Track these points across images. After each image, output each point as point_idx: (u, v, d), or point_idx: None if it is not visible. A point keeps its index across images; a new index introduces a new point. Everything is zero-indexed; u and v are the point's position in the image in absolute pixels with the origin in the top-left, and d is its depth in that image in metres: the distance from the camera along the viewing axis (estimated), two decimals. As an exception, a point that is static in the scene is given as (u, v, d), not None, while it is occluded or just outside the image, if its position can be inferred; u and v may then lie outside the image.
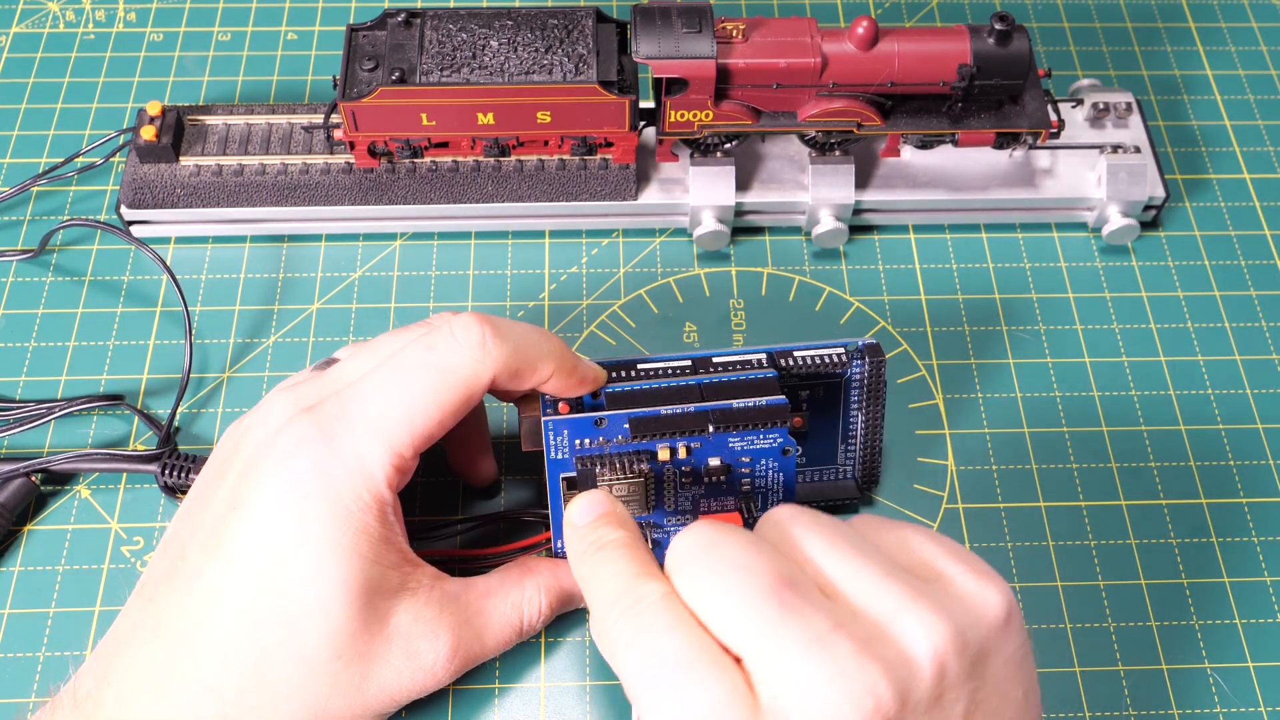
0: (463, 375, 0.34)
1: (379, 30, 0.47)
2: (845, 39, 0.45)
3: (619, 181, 0.49)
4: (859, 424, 0.42)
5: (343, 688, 0.34)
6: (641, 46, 0.44)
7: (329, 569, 0.33)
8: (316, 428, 0.34)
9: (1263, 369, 0.48)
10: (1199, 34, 0.59)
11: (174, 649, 0.34)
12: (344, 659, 0.34)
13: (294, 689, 0.34)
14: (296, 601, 0.33)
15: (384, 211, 0.49)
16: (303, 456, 0.34)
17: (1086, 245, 0.52)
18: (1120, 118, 0.51)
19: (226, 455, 0.36)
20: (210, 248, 0.50)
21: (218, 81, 0.56)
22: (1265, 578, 0.43)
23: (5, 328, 0.48)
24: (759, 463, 0.38)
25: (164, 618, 0.34)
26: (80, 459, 0.43)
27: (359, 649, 0.34)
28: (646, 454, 0.37)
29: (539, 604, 0.38)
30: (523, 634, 0.38)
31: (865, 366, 0.41)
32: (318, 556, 0.33)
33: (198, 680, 0.33)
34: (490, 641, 0.37)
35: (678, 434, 0.37)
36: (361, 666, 0.34)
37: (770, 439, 0.38)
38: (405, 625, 0.35)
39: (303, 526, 0.33)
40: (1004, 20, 0.45)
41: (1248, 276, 0.51)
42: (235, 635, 0.33)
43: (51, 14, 0.59)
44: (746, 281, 0.50)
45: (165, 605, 0.34)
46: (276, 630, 0.33)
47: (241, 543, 0.34)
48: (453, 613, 0.36)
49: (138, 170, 0.49)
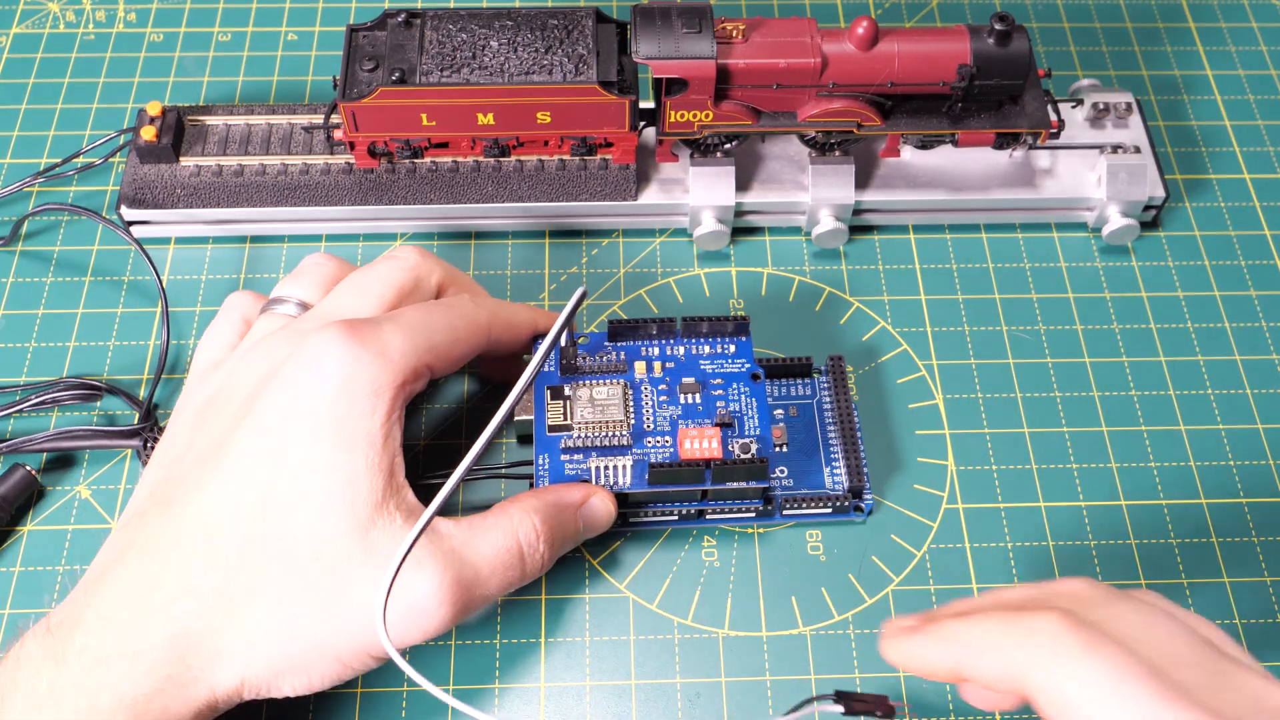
0: (472, 316, 0.39)
1: (379, 30, 0.47)
2: (845, 39, 0.45)
3: (619, 182, 0.49)
4: (838, 437, 0.44)
5: (318, 596, 0.33)
6: (641, 47, 0.44)
7: (325, 457, 0.34)
8: (346, 328, 0.35)
9: (1263, 369, 0.48)
10: (1199, 34, 0.59)
11: (160, 563, 0.34)
12: (322, 563, 0.33)
13: (271, 588, 0.33)
14: (287, 492, 0.33)
15: (384, 212, 0.50)
16: (334, 351, 0.35)
17: (1086, 245, 0.52)
18: (1120, 118, 0.51)
19: (221, 389, 0.37)
20: (210, 248, 0.50)
21: (218, 82, 0.56)
22: (1265, 578, 0.43)
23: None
24: (731, 386, 0.41)
25: (151, 537, 0.34)
26: (59, 437, 0.43)
27: (338, 553, 0.33)
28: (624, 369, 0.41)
29: (532, 525, 0.37)
30: (525, 564, 0.37)
31: (831, 381, 0.45)
32: (318, 445, 0.34)
33: (179, 583, 0.33)
34: (487, 571, 0.35)
35: (649, 337, 0.42)
36: (339, 575, 0.33)
37: (738, 363, 0.42)
38: (383, 544, 0.34)
39: (313, 417, 0.34)
40: (1004, 20, 0.45)
41: (1248, 276, 0.51)
42: (223, 534, 0.33)
43: (52, 14, 0.59)
44: (746, 281, 0.50)
45: (153, 527, 0.34)
46: (262, 524, 0.33)
47: (244, 443, 0.34)
48: (433, 541, 0.35)
49: (138, 170, 0.49)
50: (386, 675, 0.40)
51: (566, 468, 0.40)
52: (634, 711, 0.40)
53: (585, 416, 0.40)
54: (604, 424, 0.40)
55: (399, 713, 0.40)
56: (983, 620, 0.30)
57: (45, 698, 0.32)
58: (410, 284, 0.40)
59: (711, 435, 0.39)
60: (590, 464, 0.39)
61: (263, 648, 0.33)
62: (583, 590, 0.42)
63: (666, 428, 0.40)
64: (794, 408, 0.45)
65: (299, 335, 0.37)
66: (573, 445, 0.40)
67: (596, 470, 0.39)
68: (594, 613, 0.42)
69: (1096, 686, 0.27)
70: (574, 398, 0.40)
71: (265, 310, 0.40)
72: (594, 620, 0.42)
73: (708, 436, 0.39)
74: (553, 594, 0.42)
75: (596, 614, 0.42)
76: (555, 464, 0.40)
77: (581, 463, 0.40)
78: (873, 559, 0.43)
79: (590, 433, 0.40)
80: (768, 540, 0.43)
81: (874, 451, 0.45)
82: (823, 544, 0.43)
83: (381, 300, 0.39)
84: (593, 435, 0.40)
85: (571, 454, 0.40)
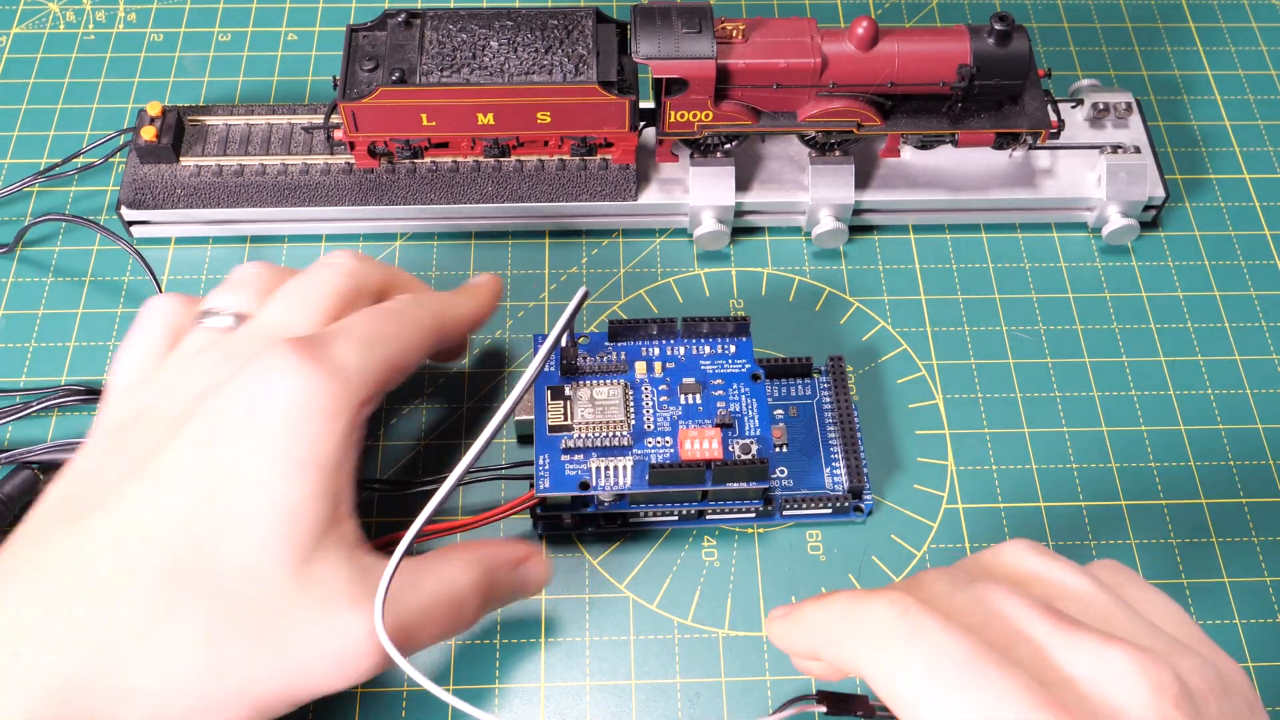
0: (421, 322, 0.38)
1: (379, 30, 0.47)
2: (845, 39, 0.45)
3: (619, 182, 0.49)
4: (838, 437, 0.44)
5: (246, 632, 0.31)
6: (641, 47, 0.44)
7: (270, 478, 0.31)
8: (301, 346, 0.33)
9: (1263, 369, 0.48)
10: (1199, 34, 0.59)
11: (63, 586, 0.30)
12: (255, 595, 0.31)
13: (194, 620, 0.30)
14: (222, 514, 0.31)
15: (384, 212, 0.50)
16: (288, 367, 0.32)
17: (1086, 245, 0.52)
18: (1120, 118, 0.51)
19: (148, 405, 0.34)
20: (210, 248, 0.50)
21: (218, 82, 0.56)
22: (1265, 578, 0.43)
23: (5, 328, 0.48)
24: (731, 386, 0.41)
25: (51, 556, 0.31)
26: (60, 448, 0.43)
27: (272, 587, 0.31)
28: (624, 370, 0.42)
29: (469, 579, 0.35)
30: (458, 616, 0.35)
31: (831, 381, 0.45)
32: (264, 463, 0.31)
33: (86, 609, 0.30)
34: (422, 619, 0.33)
35: (650, 337, 0.42)
36: (270, 609, 0.31)
37: (739, 363, 0.42)
38: (321, 577, 0.32)
39: (262, 433, 0.32)
40: (1004, 20, 0.45)
41: (1248, 276, 0.51)
42: (143, 554, 0.30)
43: (52, 14, 0.59)
44: (746, 281, 0.50)
45: (54, 544, 0.31)
46: (191, 546, 0.31)
47: (176, 459, 0.32)
48: (373, 582, 0.32)
49: (138, 170, 0.49)
50: (386, 675, 0.40)
51: (567, 468, 0.40)
52: (634, 711, 0.40)
53: (586, 417, 0.40)
54: (604, 424, 0.40)
55: (399, 713, 0.40)
56: (829, 605, 0.29)
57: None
58: (352, 292, 0.38)
59: (712, 436, 0.39)
60: (590, 464, 0.39)
61: (178, 687, 0.30)
62: (583, 590, 0.42)
63: (667, 428, 0.40)
64: (794, 408, 0.45)
65: (241, 354, 0.34)
66: (573, 446, 0.40)
67: (597, 470, 0.39)
68: (594, 613, 0.42)
69: (919, 678, 0.26)
70: (574, 398, 0.40)
71: (197, 322, 0.37)
72: (594, 620, 0.42)
73: (708, 437, 0.39)
74: (553, 594, 0.42)
75: (596, 614, 0.42)
76: (555, 464, 0.40)
77: (582, 463, 0.40)
78: (873, 559, 0.43)
79: (591, 433, 0.40)
80: (768, 540, 0.43)
81: (874, 451, 0.45)
82: (823, 544, 0.43)
83: (324, 312, 0.37)
84: (593, 435, 0.40)
85: (572, 454, 0.40)
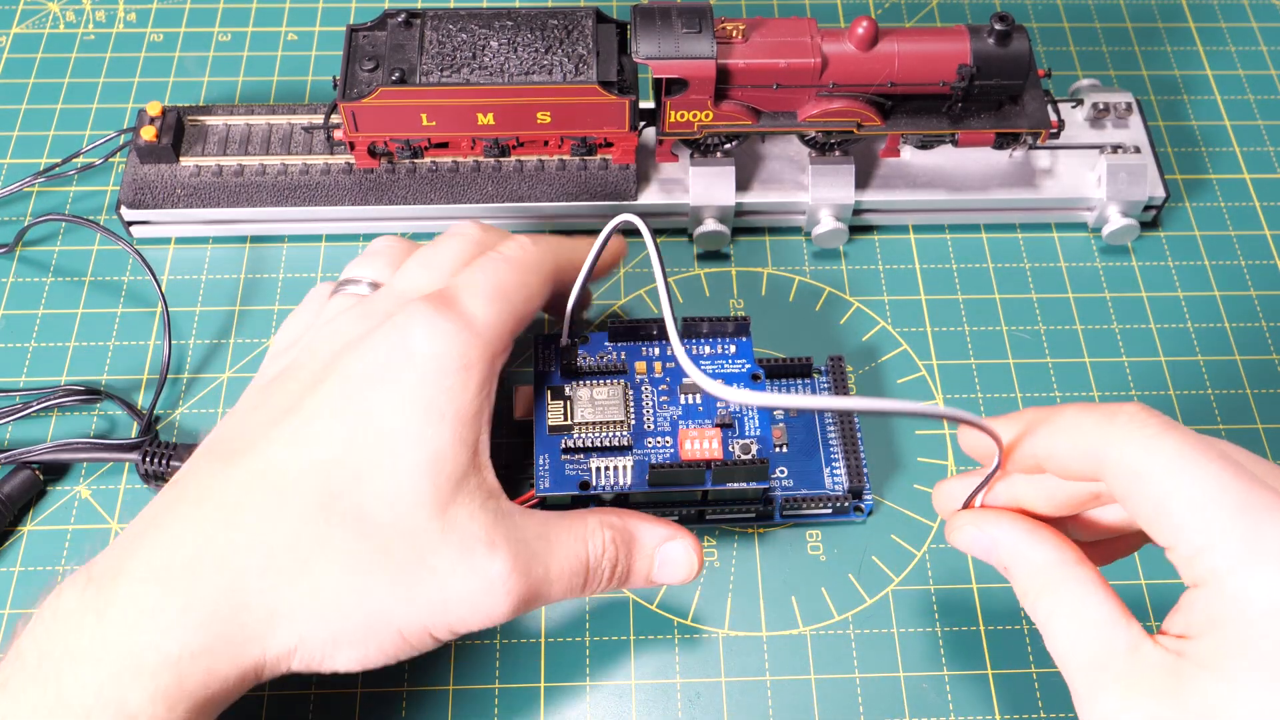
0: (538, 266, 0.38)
1: (379, 30, 0.47)
2: (845, 39, 0.45)
3: (619, 182, 0.49)
4: (838, 438, 0.44)
5: (391, 564, 0.32)
6: (641, 47, 0.44)
7: (415, 426, 0.33)
8: (436, 300, 0.35)
9: (1263, 369, 0.48)
10: (1199, 34, 0.59)
11: (221, 515, 0.32)
12: (400, 530, 0.32)
13: (344, 549, 0.32)
14: (370, 455, 0.32)
15: (384, 212, 0.50)
16: (424, 320, 0.34)
17: (1086, 245, 0.52)
18: (1120, 118, 0.51)
19: (295, 360, 0.36)
20: (210, 248, 0.50)
21: (218, 82, 0.56)
22: (1265, 578, 0.43)
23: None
24: (731, 386, 0.40)
25: (211, 490, 0.33)
26: (60, 449, 0.43)
27: (416, 524, 0.32)
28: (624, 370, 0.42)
29: (603, 539, 0.36)
30: (590, 575, 0.36)
31: (831, 381, 0.45)
32: (407, 412, 0.33)
33: (242, 536, 0.31)
34: (554, 569, 0.35)
35: (650, 338, 0.42)
36: (414, 546, 0.32)
37: (739, 363, 0.42)
38: (461, 521, 0.33)
39: (402, 383, 0.33)
40: (1004, 20, 0.45)
41: (1248, 276, 0.51)
42: (295, 489, 0.32)
43: (51, 14, 0.59)
44: (746, 281, 0.50)
45: (214, 480, 0.33)
46: (341, 483, 0.32)
47: (325, 403, 0.33)
48: (509, 528, 0.34)
49: (138, 170, 0.49)
50: (387, 676, 0.40)
51: (567, 468, 0.40)
52: (634, 711, 0.40)
53: (586, 417, 0.40)
54: (604, 424, 0.40)
55: (399, 712, 0.40)
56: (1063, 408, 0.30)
57: (85, 653, 0.30)
58: (477, 257, 0.39)
59: (712, 436, 0.39)
60: (591, 464, 0.39)
61: (326, 611, 0.32)
62: (583, 590, 0.42)
63: (667, 428, 0.40)
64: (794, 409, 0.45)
65: (378, 313, 0.36)
66: (573, 446, 0.40)
67: (597, 470, 0.39)
68: (594, 613, 0.42)
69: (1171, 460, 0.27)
70: (574, 398, 0.40)
71: (337, 291, 0.39)
72: (594, 620, 0.42)
73: (708, 437, 0.39)
74: (553, 594, 0.42)
75: (596, 614, 0.42)
76: (555, 464, 0.40)
77: (582, 463, 0.40)
78: (873, 559, 0.43)
79: (591, 433, 0.40)
80: (768, 540, 0.43)
81: (874, 451, 0.45)
82: (823, 544, 0.43)
83: (452, 275, 0.38)
84: (593, 436, 0.40)
85: (572, 454, 0.40)
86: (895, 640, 0.41)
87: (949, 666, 0.41)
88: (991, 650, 0.41)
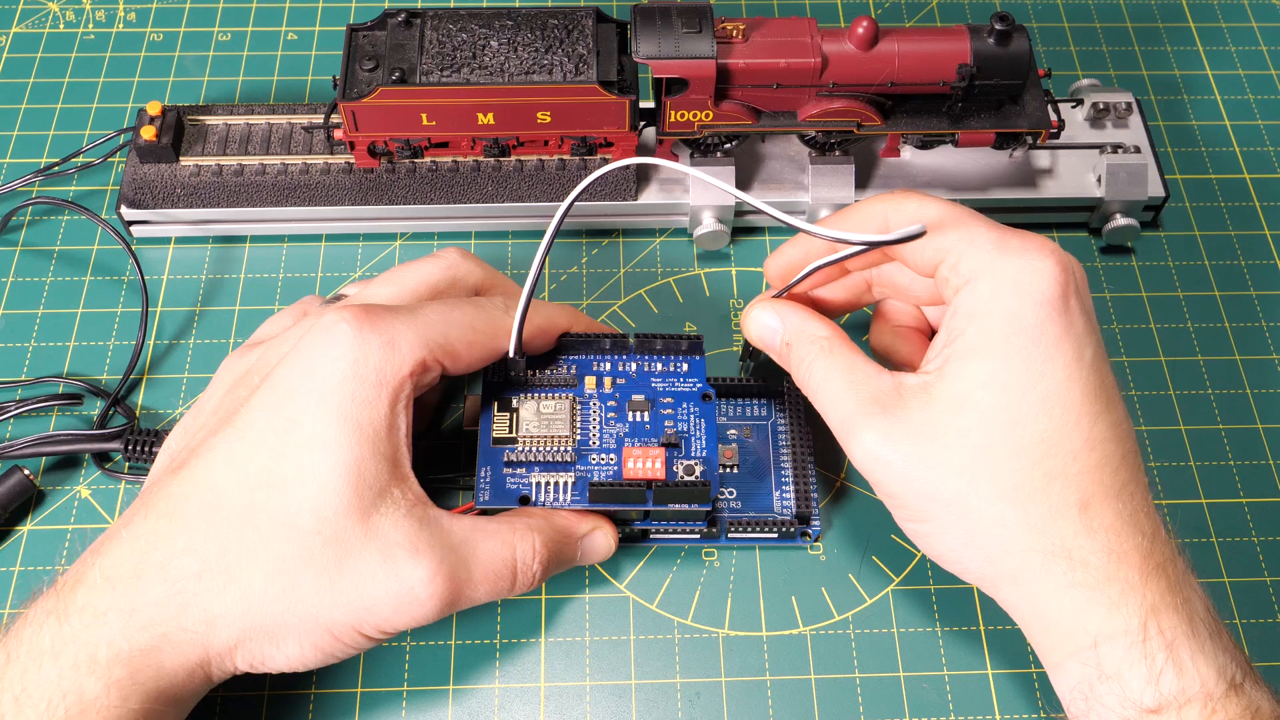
0: (495, 319, 0.39)
1: (379, 30, 0.47)
2: (845, 39, 0.45)
3: (619, 181, 0.49)
4: (789, 462, 0.44)
5: (316, 568, 0.34)
6: (641, 46, 0.44)
7: (332, 436, 0.34)
8: (359, 313, 0.36)
9: (1263, 369, 0.48)
10: (1199, 34, 0.59)
11: (165, 524, 0.34)
12: (323, 536, 0.34)
13: (271, 555, 0.34)
14: (293, 464, 0.34)
15: (384, 211, 0.50)
16: (343, 332, 0.35)
17: (1086, 245, 0.52)
18: (1120, 118, 0.51)
19: (254, 363, 0.38)
20: (210, 248, 0.50)
21: (218, 81, 0.56)
22: (1265, 578, 0.43)
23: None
24: (680, 405, 0.41)
25: (161, 499, 0.35)
26: (42, 442, 0.43)
27: (339, 530, 0.34)
28: (574, 384, 0.41)
29: (532, 543, 0.37)
30: (516, 577, 0.37)
31: (787, 402, 0.44)
32: (325, 422, 0.34)
33: (181, 544, 0.34)
34: (479, 574, 0.36)
35: (602, 352, 0.41)
36: (337, 550, 0.34)
37: (690, 382, 0.41)
38: (384, 529, 0.35)
39: (320, 394, 0.35)
40: (1004, 20, 0.45)
41: (1248, 276, 0.51)
42: (228, 499, 0.34)
43: (51, 14, 0.59)
44: (746, 281, 0.50)
45: (164, 489, 0.35)
46: (266, 492, 0.34)
47: (255, 414, 0.35)
48: (434, 534, 0.35)
49: (138, 170, 0.49)
50: (387, 675, 0.40)
51: (508, 481, 0.39)
52: (634, 711, 0.40)
53: (531, 430, 0.39)
54: (549, 439, 0.39)
55: (399, 712, 0.40)
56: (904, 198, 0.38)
57: (47, 653, 0.33)
58: (446, 282, 0.41)
59: (656, 455, 0.39)
60: (532, 479, 0.39)
61: (258, 615, 0.34)
62: (583, 590, 0.42)
63: (612, 445, 0.40)
64: (748, 429, 0.44)
65: (318, 316, 0.37)
66: (516, 459, 0.39)
67: (538, 485, 0.39)
68: (594, 613, 0.42)
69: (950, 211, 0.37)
70: (520, 411, 0.40)
71: (328, 303, 0.41)
72: (594, 620, 0.42)
73: (652, 456, 0.39)
74: (553, 594, 0.42)
75: (596, 614, 0.42)
76: (497, 478, 0.39)
77: (524, 477, 0.39)
78: (873, 559, 0.43)
79: (535, 447, 0.39)
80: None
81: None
82: (822, 544, 0.43)
83: (413, 294, 0.40)
84: (537, 449, 0.39)
85: (514, 468, 0.39)
86: (895, 640, 0.41)
87: (949, 666, 0.41)
88: (991, 650, 0.41)
